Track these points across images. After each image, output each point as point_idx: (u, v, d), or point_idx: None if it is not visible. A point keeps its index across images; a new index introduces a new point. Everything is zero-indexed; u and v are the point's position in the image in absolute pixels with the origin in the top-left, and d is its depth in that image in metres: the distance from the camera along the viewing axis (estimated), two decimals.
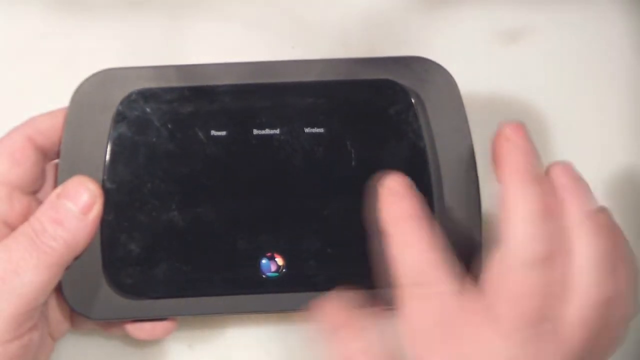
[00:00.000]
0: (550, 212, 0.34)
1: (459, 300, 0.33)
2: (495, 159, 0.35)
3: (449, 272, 0.34)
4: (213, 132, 0.39)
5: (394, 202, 0.36)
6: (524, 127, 0.36)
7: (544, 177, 0.35)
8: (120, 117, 0.39)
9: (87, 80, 0.39)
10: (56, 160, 0.39)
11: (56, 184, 0.38)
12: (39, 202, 0.38)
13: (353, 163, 0.39)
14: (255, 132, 0.39)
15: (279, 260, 0.38)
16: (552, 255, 0.33)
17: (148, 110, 0.39)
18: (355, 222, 0.38)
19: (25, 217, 0.37)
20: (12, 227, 0.36)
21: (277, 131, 0.39)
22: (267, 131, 0.39)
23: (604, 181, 0.46)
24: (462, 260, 0.37)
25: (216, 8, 0.47)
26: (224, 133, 0.39)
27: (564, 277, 0.33)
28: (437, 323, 0.33)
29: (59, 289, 0.37)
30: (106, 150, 0.38)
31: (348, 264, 0.38)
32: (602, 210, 0.35)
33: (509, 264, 0.33)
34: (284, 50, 0.47)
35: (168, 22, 0.47)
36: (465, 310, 0.33)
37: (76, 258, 0.37)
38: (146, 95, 0.39)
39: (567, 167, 0.36)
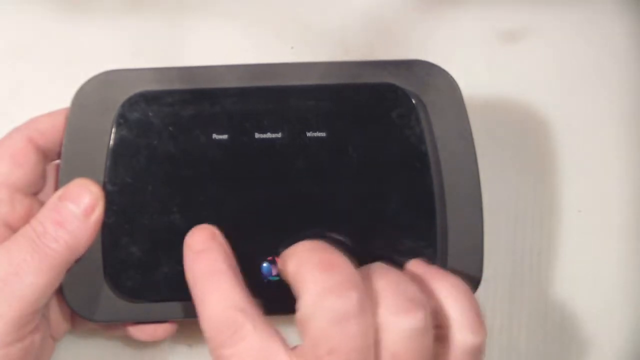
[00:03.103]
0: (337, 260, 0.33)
1: (267, 355, 0.33)
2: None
3: (255, 323, 0.33)
4: (215, 136, 0.38)
5: (195, 260, 0.35)
6: None
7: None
8: (121, 119, 0.38)
9: (89, 81, 0.39)
10: (57, 161, 0.39)
11: (57, 185, 0.38)
12: (41, 204, 0.38)
13: (355, 167, 0.39)
14: (257, 135, 0.39)
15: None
16: (355, 303, 0.32)
17: (150, 112, 0.39)
18: (357, 225, 0.38)
19: (27, 218, 0.36)
20: (13, 229, 0.36)
21: (279, 135, 0.39)
22: (269, 135, 0.39)
23: (604, 181, 0.47)
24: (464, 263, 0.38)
25: (216, 8, 0.47)
26: (225, 136, 0.39)
27: (373, 324, 0.32)
28: None
29: (59, 290, 0.37)
30: (107, 153, 0.38)
31: None
32: None
33: (314, 321, 0.32)
34: (283, 50, 0.47)
35: (169, 23, 0.47)
36: None
37: (77, 260, 0.37)
38: (148, 98, 0.39)
39: None
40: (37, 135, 0.38)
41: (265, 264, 0.38)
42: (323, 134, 0.39)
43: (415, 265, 0.36)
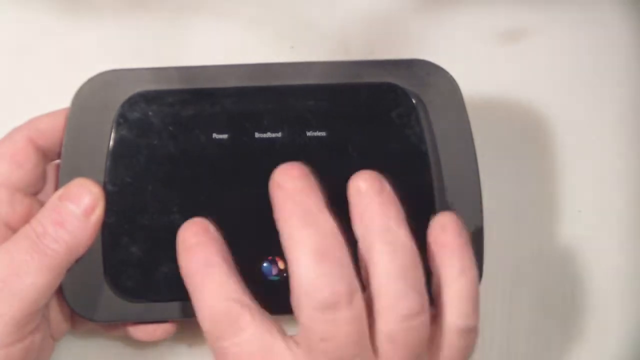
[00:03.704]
0: (331, 249, 0.33)
1: (264, 347, 0.33)
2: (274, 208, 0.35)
3: (252, 313, 0.33)
4: (215, 135, 0.39)
5: (188, 253, 0.35)
6: (298, 167, 0.35)
7: (322, 214, 0.34)
8: (121, 119, 0.38)
9: (89, 81, 0.39)
10: (57, 161, 0.39)
11: (57, 185, 0.38)
12: (41, 204, 0.38)
13: (355, 166, 0.38)
14: (257, 135, 0.39)
15: (281, 264, 0.38)
16: (343, 292, 0.32)
17: (150, 112, 0.39)
18: None
19: (27, 219, 0.36)
20: (13, 229, 0.36)
21: (279, 134, 0.39)
22: (269, 134, 0.39)
23: (604, 181, 0.47)
24: None
25: (216, 8, 0.47)
26: (225, 136, 0.39)
27: (365, 307, 0.32)
28: None
29: (59, 290, 0.37)
30: (107, 153, 0.38)
31: None
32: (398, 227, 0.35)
33: (303, 310, 0.32)
34: (282, 50, 0.47)
35: (169, 23, 0.47)
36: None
37: (77, 260, 0.37)
38: (148, 98, 0.39)
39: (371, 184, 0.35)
40: (37, 135, 0.38)
41: (265, 264, 0.38)
42: (323, 134, 0.39)
43: (442, 230, 0.35)
